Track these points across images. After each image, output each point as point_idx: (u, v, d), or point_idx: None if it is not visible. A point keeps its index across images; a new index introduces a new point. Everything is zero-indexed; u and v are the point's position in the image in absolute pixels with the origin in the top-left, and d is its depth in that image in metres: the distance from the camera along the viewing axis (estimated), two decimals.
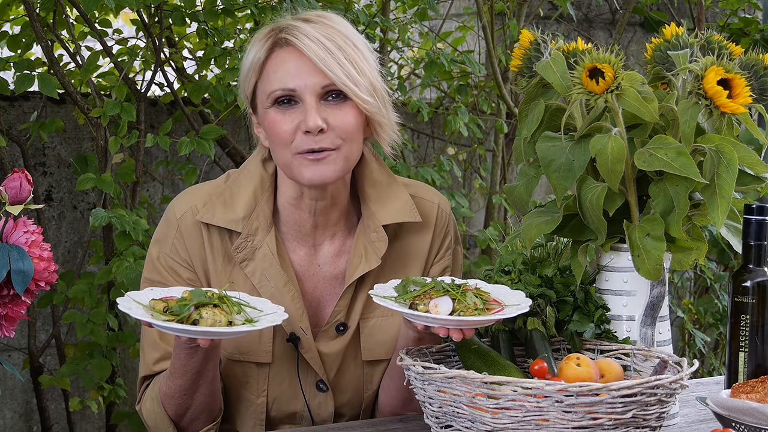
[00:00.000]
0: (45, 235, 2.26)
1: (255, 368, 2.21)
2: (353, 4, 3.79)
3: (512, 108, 4.23)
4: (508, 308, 1.99)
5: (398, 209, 2.23)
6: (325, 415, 2.24)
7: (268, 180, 2.23)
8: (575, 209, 2.12)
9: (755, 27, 4.59)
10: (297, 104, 2.13)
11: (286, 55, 2.14)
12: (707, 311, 4.62)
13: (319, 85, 2.12)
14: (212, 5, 3.50)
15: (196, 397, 2.12)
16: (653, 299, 2.15)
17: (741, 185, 2.16)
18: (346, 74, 2.11)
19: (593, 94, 2.02)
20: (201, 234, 2.19)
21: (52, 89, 3.20)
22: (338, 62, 2.11)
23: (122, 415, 3.59)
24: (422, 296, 1.98)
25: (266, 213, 2.20)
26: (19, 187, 1.87)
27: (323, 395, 2.23)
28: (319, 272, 2.24)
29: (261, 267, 2.18)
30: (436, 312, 1.95)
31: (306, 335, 2.19)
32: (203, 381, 2.10)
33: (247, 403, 2.23)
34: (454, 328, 1.95)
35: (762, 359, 2.18)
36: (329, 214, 2.22)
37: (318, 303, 2.24)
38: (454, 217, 2.34)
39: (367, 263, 2.19)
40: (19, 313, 1.86)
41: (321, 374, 2.21)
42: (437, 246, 2.30)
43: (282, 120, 2.13)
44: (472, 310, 1.95)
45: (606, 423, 1.82)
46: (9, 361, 3.59)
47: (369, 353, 2.24)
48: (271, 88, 2.14)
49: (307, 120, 2.10)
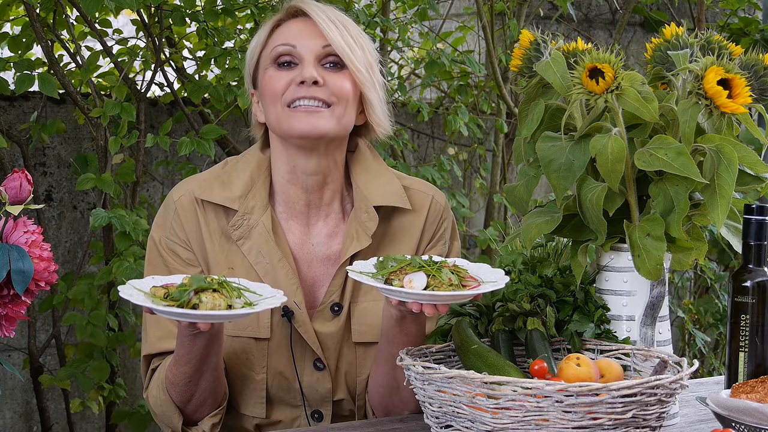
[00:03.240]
0: (45, 235, 2.27)
1: (254, 344, 2.23)
2: (353, 4, 3.79)
3: (512, 108, 4.23)
4: (484, 285, 1.99)
5: (389, 192, 2.29)
6: (323, 392, 2.25)
7: (265, 163, 2.29)
8: (575, 209, 2.12)
9: (755, 27, 4.59)
10: (296, 66, 2.22)
11: (292, 24, 2.26)
12: (707, 311, 4.62)
13: (320, 45, 2.22)
14: (212, 5, 3.50)
15: (200, 384, 2.14)
16: (653, 299, 2.15)
17: (741, 185, 2.16)
18: (347, 43, 2.22)
19: (593, 94, 2.02)
20: (197, 214, 2.25)
21: (53, 89, 3.20)
22: (340, 33, 2.22)
23: (122, 415, 3.60)
24: (398, 272, 2.00)
25: (262, 193, 2.26)
26: (19, 187, 1.87)
27: (320, 373, 2.25)
28: (314, 252, 2.28)
29: (257, 244, 2.23)
30: (410, 287, 1.96)
31: (300, 309, 2.22)
32: (207, 368, 2.12)
33: (248, 381, 2.25)
34: (427, 303, 1.96)
35: (762, 359, 2.18)
36: (321, 192, 2.27)
37: (313, 282, 2.28)
38: (451, 213, 2.37)
39: (358, 243, 2.24)
40: (19, 313, 1.86)
41: (318, 352, 2.24)
42: (430, 233, 2.32)
43: (279, 77, 2.22)
44: (447, 286, 1.96)
45: (606, 423, 1.82)
46: (9, 361, 3.59)
47: (360, 335, 2.26)
48: (275, 44, 2.24)
49: (303, 72, 2.20)
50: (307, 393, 2.25)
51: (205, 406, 2.19)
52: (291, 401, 2.27)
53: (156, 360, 2.24)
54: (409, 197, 2.30)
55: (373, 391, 2.26)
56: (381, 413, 2.26)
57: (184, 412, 2.19)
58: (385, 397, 2.24)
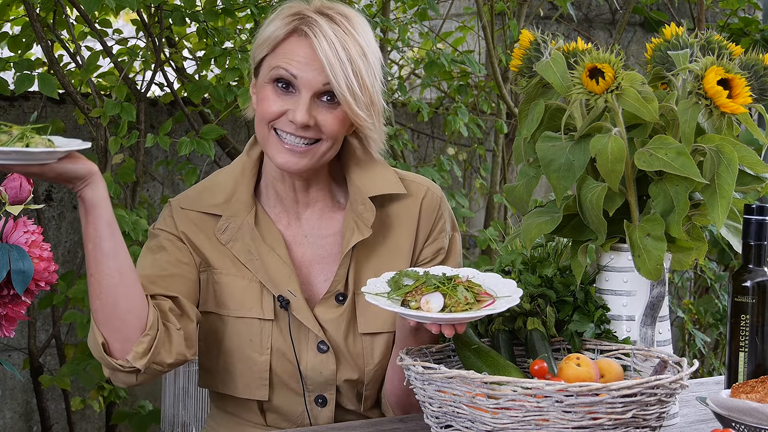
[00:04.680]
0: (45, 235, 2.27)
1: (258, 324, 2.25)
2: (353, 4, 3.79)
3: (512, 108, 4.23)
4: (499, 300, 2.01)
5: (383, 181, 2.29)
6: (327, 374, 2.26)
7: (250, 164, 2.31)
8: (575, 209, 2.12)
9: (755, 27, 4.59)
10: (293, 93, 2.19)
11: (301, 43, 2.20)
12: (707, 311, 4.62)
13: (320, 82, 2.17)
14: (212, 5, 3.50)
15: (103, 283, 2.06)
16: (653, 299, 2.15)
17: (741, 185, 2.16)
18: (348, 86, 2.16)
19: (593, 94, 2.02)
20: (189, 220, 2.28)
21: (52, 89, 3.20)
22: (344, 72, 2.16)
23: (122, 415, 3.60)
24: (413, 292, 2.02)
25: (245, 195, 2.27)
26: (19, 187, 1.87)
27: (324, 356, 2.26)
28: (306, 242, 2.30)
29: (245, 244, 2.25)
30: (428, 309, 1.98)
31: (295, 297, 2.23)
32: (102, 256, 2.05)
33: (251, 363, 2.25)
34: (446, 324, 1.99)
35: (762, 359, 2.18)
36: (308, 190, 2.29)
37: (309, 270, 2.29)
38: (448, 205, 2.38)
39: (359, 233, 2.25)
40: (19, 313, 1.86)
41: (320, 335, 2.24)
42: (428, 222, 2.33)
43: (274, 101, 2.19)
44: (463, 305, 1.98)
45: (606, 423, 1.82)
46: (9, 361, 3.59)
47: (365, 326, 2.27)
48: (276, 64, 2.20)
49: (296, 113, 2.17)
50: (312, 375, 2.26)
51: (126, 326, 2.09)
52: (293, 386, 2.27)
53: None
54: (404, 186, 2.32)
55: (390, 392, 2.27)
56: (400, 412, 2.29)
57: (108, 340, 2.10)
58: (402, 399, 2.26)
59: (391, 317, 2.26)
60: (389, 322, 2.27)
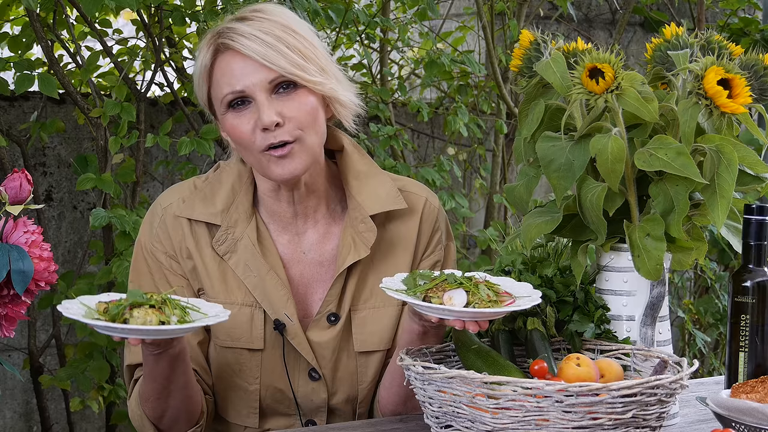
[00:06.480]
0: (45, 235, 2.26)
1: (247, 354, 2.22)
2: (353, 4, 3.79)
3: (512, 108, 4.23)
4: (520, 299, 1.99)
5: (384, 198, 2.25)
6: (318, 402, 2.24)
7: (246, 172, 2.26)
8: (575, 209, 2.12)
9: (755, 27, 4.59)
10: (250, 103, 2.15)
11: (229, 59, 2.16)
12: (707, 311, 4.62)
13: (266, 80, 2.13)
14: (212, 5, 3.50)
15: (170, 402, 2.13)
16: (653, 299, 2.15)
17: (741, 185, 2.16)
18: (291, 63, 2.13)
19: (593, 94, 2.02)
20: (182, 228, 2.22)
21: (52, 89, 3.20)
22: (280, 53, 2.13)
23: (122, 415, 3.59)
24: (434, 289, 1.98)
25: (245, 205, 2.23)
26: (19, 187, 1.87)
27: (316, 383, 2.23)
28: (305, 259, 2.26)
29: (243, 258, 2.20)
30: (451, 304, 1.95)
31: (291, 322, 2.20)
32: (174, 387, 2.10)
33: (241, 392, 2.23)
34: (470, 320, 1.95)
35: (762, 359, 2.18)
36: (307, 202, 2.24)
37: (306, 289, 2.25)
38: (444, 214, 2.35)
39: (356, 252, 2.21)
40: (19, 313, 1.86)
41: (312, 362, 2.22)
42: (426, 238, 2.30)
43: (239, 123, 2.15)
44: (486, 303, 1.95)
45: (606, 423, 1.82)
46: (9, 361, 3.59)
47: (361, 344, 2.24)
48: (222, 93, 2.16)
49: (262, 117, 2.12)
50: (302, 403, 2.24)
51: (180, 423, 2.17)
52: (284, 411, 2.25)
53: (139, 370, 2.22)
54: (403, 197, 2.28)
55: (386, 399, 2.24)
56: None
57: (159, 428, 2.18)
58: (398, 406, 2.24)
59: (388, 335, 2.24)
60: (385, 340, 2.25)
